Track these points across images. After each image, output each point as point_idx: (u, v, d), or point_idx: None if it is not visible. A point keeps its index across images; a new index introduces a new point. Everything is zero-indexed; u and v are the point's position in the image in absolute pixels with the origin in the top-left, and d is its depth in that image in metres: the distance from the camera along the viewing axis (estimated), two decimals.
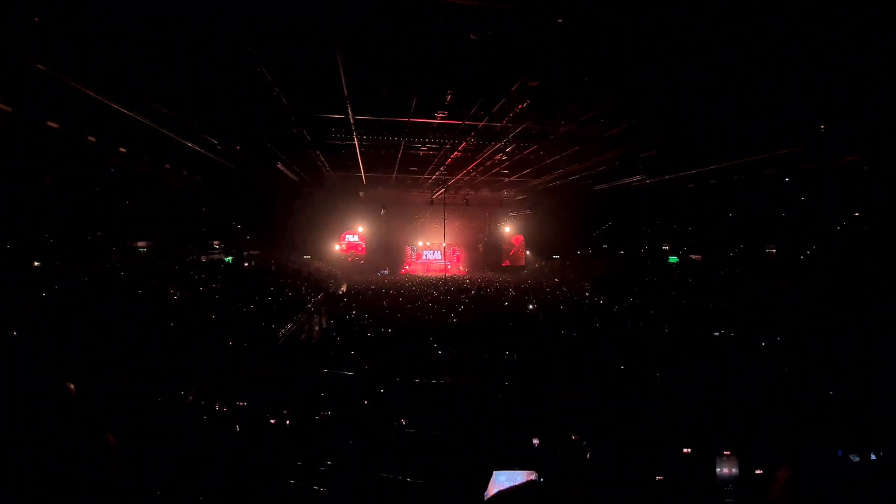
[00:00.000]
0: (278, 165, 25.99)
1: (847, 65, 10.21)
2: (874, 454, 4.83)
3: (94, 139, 19.42)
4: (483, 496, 1.43)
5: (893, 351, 10.64)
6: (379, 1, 8.48)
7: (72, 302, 11.17)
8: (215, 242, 24.90)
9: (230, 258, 25.25)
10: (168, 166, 26.01)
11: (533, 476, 1.46)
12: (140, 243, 18.32)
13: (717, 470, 1.21)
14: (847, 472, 0.71)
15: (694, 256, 25.34)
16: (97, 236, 16.04)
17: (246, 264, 25.53)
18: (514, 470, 1.50)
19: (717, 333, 13.89)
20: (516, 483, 1.42)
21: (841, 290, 15.10)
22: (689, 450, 4.73)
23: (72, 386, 1.80)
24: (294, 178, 30.68)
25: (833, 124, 14.90)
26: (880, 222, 17.16)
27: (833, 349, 11.27)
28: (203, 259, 21.84)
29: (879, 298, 13.60)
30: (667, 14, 8.35)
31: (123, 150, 21.52)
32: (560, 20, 8.64)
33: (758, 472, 4.40)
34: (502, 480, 1.51)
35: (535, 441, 5.62)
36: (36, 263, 12.76)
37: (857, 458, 4.71)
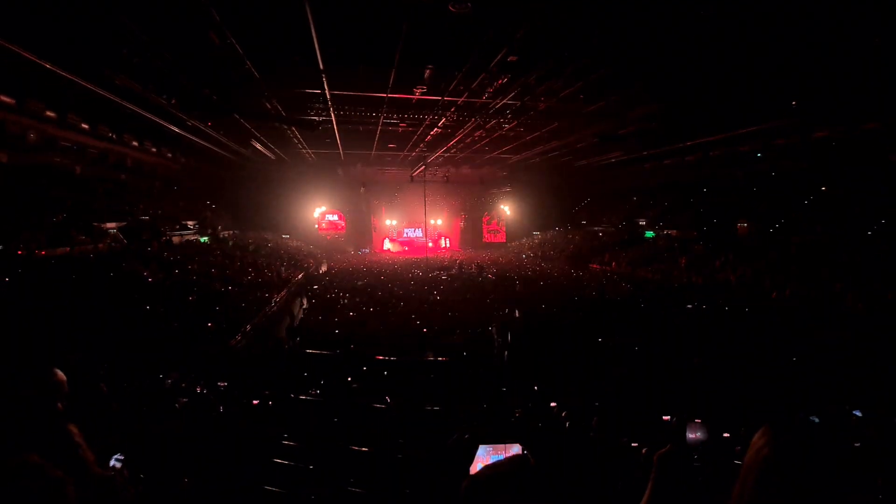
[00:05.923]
0: (253, 143, 25.15)
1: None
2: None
3: (52, 114, 18.38)
4: (468, 470, 1.48)
5: (841, 325, 11.25)
6: None
7: (40, 287, 10.76)
8: (189, 222, 24.13)
9: (206, 238, 24.57)
10: (136, 143, 24.92)
11: (516, 448, 1.51)
12: (109, 224, 17.58)
13: (688, 436, 1.29)
14: (814, 432, 0.76)
15: (669, 232, 25.95)
16: (60, 218, 15.31)
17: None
18: (498, 444, 1.55)
19: (689, 306, 14.39)
20: (501, 457, 1.47)
21: (802, 269, 15.74)
22: (668, 417, 4.97)
23: (61, 376, 1.75)
24: (271, 155, 29.81)
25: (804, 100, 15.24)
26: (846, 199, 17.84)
27: (790, 324, 11.84)
28: (175, 240, 21.16)
29: (838, 283, 14.24)
30: None
31: (86, 125, 20.47)
32: None
33: (725, 435, 4.66)
34: (484, 454, 1.55)
35: (517, 413, 5.79)
36: None
37: (816, 420, 5.06)
